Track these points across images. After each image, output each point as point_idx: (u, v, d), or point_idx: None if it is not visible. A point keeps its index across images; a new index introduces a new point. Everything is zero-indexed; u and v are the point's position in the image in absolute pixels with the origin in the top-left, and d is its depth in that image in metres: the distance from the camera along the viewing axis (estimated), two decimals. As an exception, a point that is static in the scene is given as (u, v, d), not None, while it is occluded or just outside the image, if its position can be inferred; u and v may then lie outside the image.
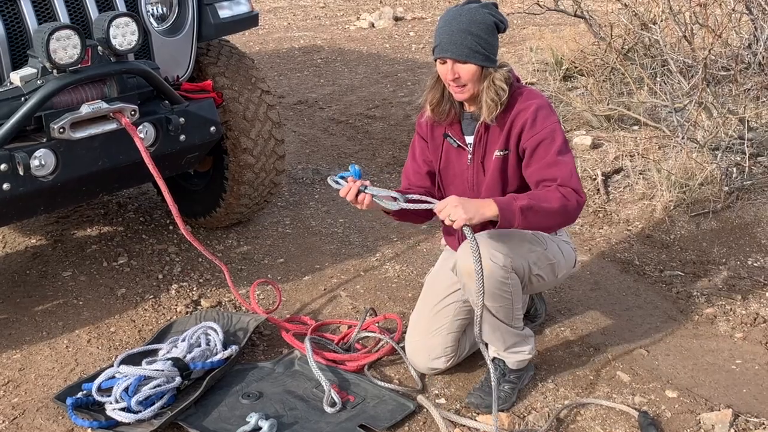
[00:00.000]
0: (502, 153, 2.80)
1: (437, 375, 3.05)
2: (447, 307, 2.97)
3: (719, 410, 2.79)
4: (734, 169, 4.59)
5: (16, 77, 3.08)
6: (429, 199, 2.68)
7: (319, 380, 2.96)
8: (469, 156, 2.88)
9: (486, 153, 2.84)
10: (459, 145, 2.89)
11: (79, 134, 3.17)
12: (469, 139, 2.87)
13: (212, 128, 3.63)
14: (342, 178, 2.73)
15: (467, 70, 2.69)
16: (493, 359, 2.97)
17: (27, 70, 3.09)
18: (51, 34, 2.97)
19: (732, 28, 5.31)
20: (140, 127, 3.33)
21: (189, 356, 3.03)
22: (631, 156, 4.94)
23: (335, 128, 6.19)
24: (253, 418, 2.76)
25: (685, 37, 5.06)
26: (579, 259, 3.80)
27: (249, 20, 4.02)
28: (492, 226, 2.86)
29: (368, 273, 3.91)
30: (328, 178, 2.77)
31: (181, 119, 3.47)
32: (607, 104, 5.54)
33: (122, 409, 2.79)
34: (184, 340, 3.14)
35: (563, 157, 2.70)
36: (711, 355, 3.16)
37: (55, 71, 3.07)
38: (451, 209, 2.55)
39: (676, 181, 4.39)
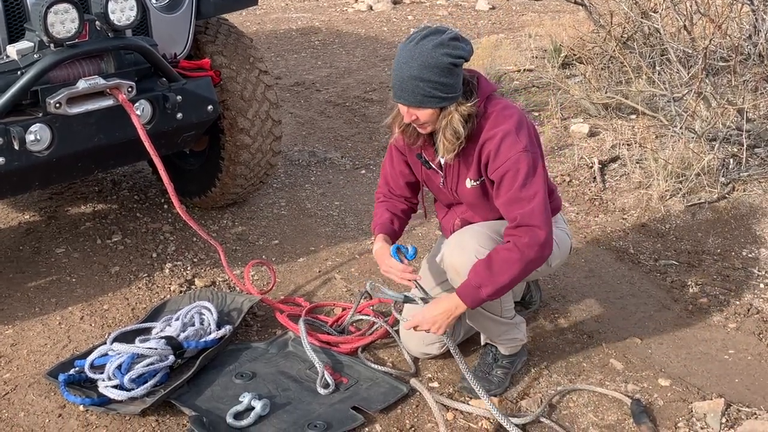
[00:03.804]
0: (477, 182, 2.74)
1: (430, 359, 3.05)
2: (443, 292, 2.97)
3: (711, 399, 2.80)
4: (731, 160, 4.60)
5: (12, 50, 3.05)
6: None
7: (312, 362, 2.96)
8: (442, 180, 2.84)
9: (459, 180, 2.79)
10: (431, 167, 2.84)
11: (76, 110, 3.14)
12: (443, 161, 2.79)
13: (209, 107, 3.61)
14: (399, 249, 2.83)
15: (424, 113, 2.59)
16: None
17: (24, 44, 3.06)
18: (49, 7, 2.93)
19: (732, 18, 5.30)
20: (137, 104, 3.31)
21: (182, 335, 3.02)
22: (628, 145, 4.94)
23: (332, 111, 6.16)
24: (246, 398, 2.76)
25: (685, 26, 5.05)
26: (574, 246, 3.82)
27: (248, -1, 3.99)
28: (479, 214, 2.85)
29: (363, 256, 3.90)
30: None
31: (179, 97, 3.44)
32: (605, 92, 5.52)
33: (115, 387, 2.79)
34: (177, 319, 3.14)
35: (526, 191, 2.57)
36: (704, 345, 3.17)
37: (52, 45, 3.04)
38: (426, 325, 2.68)
39: (673, 170, 4.38)
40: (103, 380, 2.82)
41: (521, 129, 2.62)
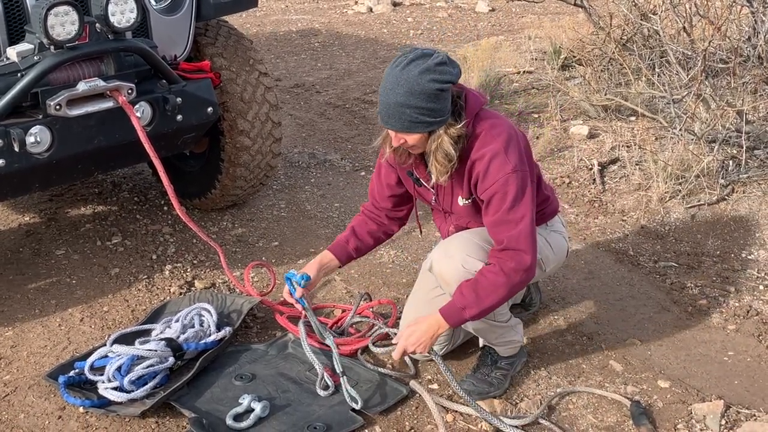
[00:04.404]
0: (468, 201, 2.76)
1: (430, 361, 3.05)
2: (442, 295, 2.96)
3: (711, 401, 2.81)
4: (731, 162, 4.60)
5: (12, 53, 3.05)
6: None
7: (312, 363, 2.96)
8: (434, 197, 2.85)
9: (450, 199, 2.80)
10: (423, 185, 2.85)
11: (76, 111, 3.14)
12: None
13: (209, 109, 3.61)
14: (290, 279, 2.99)
15: (412, 137, 2.58)
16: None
17: (24, 46, 3.06)
18: (49, 9, 2.94)
19: (732, 20, 5.30)
20: (137, 105, 3.31)
21: (182, 337, 3.02)
22: (627, 146, 4.94)
23: (332, 112, 6.17)
24: (245, 400, 2.76)
25: (684, 28, 5.05)
26: (573, 248, 3.82)
27: (248, 0, 3.99)
28: (474, 223, 2.85)
29: (363, 258, 3.89)
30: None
31: (178, 99, 3.44)
32: (605, 94, 5.53)
33: (115, 389, 2.79)
34: (177, 321, 3.14)
35: (513, 213, 2.57)
36: (703, 347, 3.17)
37: (52, 47, 3.04)
38: (411, 347, 2.70)
39: (672, 172, 4.39)
40: (103, 382, 2.82)
41: (510, 148, 2.60)
